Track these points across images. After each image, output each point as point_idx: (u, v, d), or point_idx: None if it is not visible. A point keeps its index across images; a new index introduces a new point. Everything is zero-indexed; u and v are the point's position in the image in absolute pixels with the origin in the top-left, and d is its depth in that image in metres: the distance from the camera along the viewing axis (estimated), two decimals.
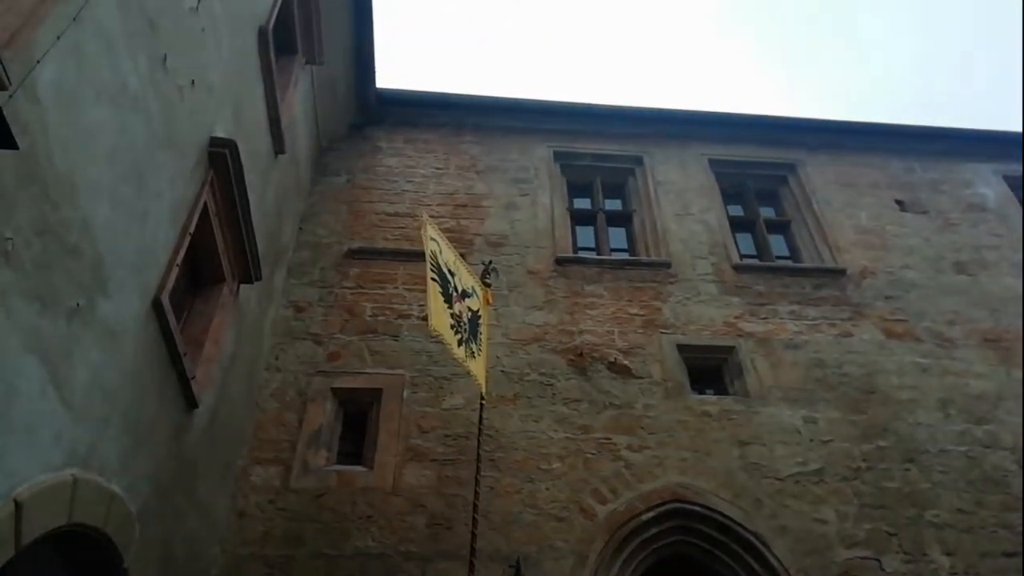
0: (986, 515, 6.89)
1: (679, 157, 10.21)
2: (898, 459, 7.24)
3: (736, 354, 8.05)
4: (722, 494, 6.91)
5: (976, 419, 7.61)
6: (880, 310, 8.58)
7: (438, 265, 5.76)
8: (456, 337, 5.51)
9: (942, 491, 7.03)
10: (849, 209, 9.72)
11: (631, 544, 6.57)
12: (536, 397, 7.51)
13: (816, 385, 7.82)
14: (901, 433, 7.47)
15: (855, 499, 6.94)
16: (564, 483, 6.85)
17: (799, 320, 8.43)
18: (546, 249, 8.92)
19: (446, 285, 5.78)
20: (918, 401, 7.73)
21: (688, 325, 8.31)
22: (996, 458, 7.30)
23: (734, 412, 7.56)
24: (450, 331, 5.44)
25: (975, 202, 9.93)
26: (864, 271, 8.97)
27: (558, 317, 8.25)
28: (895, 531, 6.73)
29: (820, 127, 10.54)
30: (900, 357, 8.13)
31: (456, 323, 5.63)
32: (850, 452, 7.29)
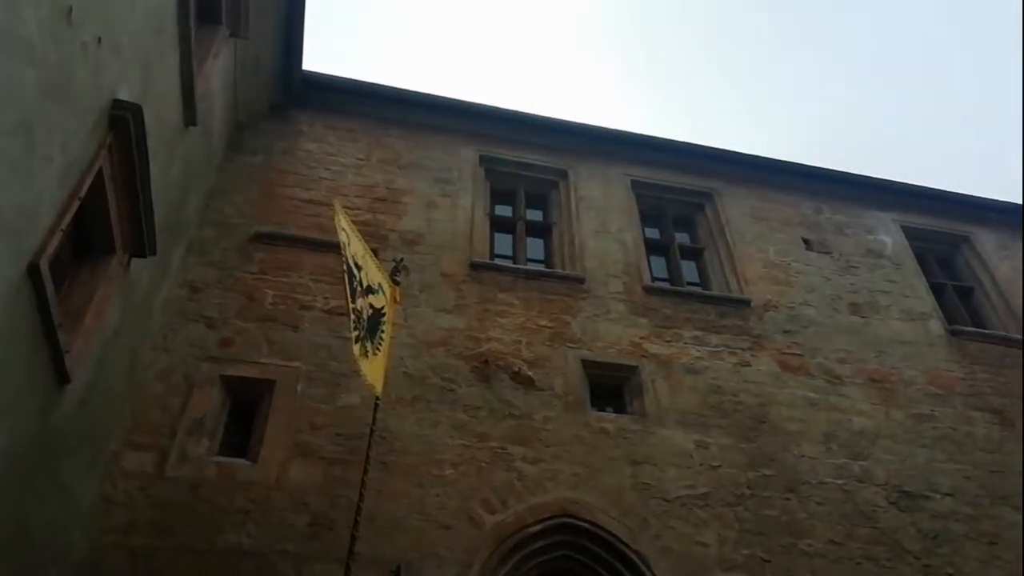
0: (854, 547, 7.19)
1: (603, 175, 10.32)
2: (780, 488, 7.48)
3: (638, 374, 8.16)
4: (611, 512, 6.96)
5: (854, 455, 7.95)
6: (778, 343, 8.87)
7: (346, 257, 5.59)
8: (354, 333, 5.34)
9: (817, 522, 7.29)
10: (759, 243, 10.03)
11: (516, 556, 6.53)
12: (436, 402, 7.40)
13: (711, 411, 8.01)
14: (786, 463, 7.72)
15: (736, 524, 7.12)
16: (455, 490, 6.76)
17: (701, 346, 8.62)
18: (462, 253, 8.83)
19: (351, 279, 5.60)
20: (804, 433, 8.02)
21: (595, 341, 8.37)
22: (868, 493, 7.64)
23: (630, 431, 7.65)
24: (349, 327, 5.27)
25: (874, 248, 10.42)
26: (767, 304, 9.27)
27: (467, 322, 8.16)
28: (770, 558, 6.94)
29: (739, 160, 10.85)
30: (792, 390, 8.42)
31: (356, 319, 5.46)
32: (736, 479, 7.48)
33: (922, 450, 8.18)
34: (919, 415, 8.51)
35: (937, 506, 7.76)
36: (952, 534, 7.58)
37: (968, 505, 7.85)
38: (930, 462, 8.10)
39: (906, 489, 7.81)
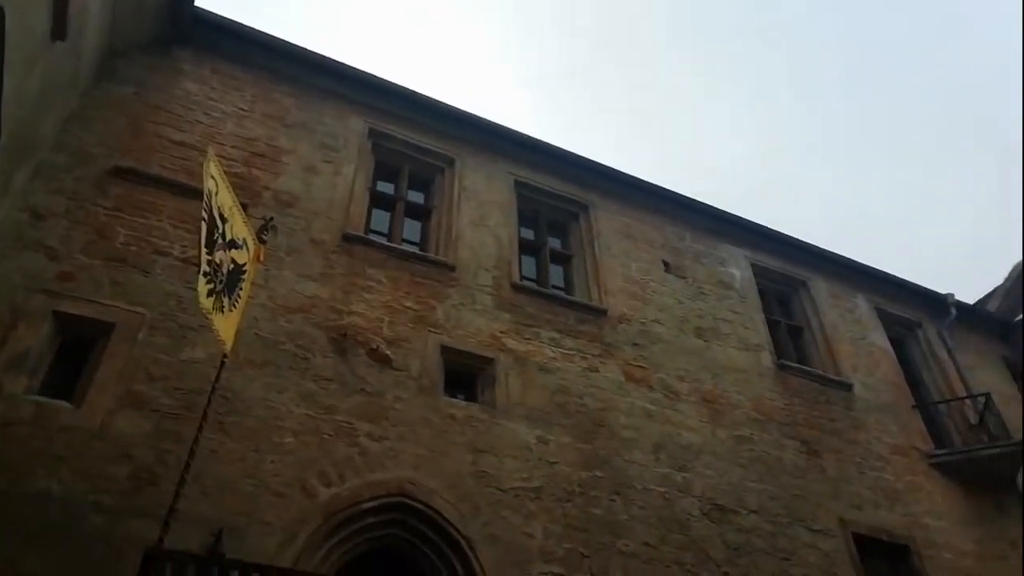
0: (666, 551, 7.74)
1: (488, 169, 10.46)
2: (608, 490, 7.92)
3: (494, 366, 8.37)
4: (446, 496, 7.11)
5: (679, 466, 8.54)
6: (627, 354, 9.36)
7: (211, 206, 5.37)
8: (208, 286, 5.16)
9: (637, 524, 7.78)
10: (624, 258, 10.53)
11: (345, 530, 6.53)
12: (287, 368, 7.25)
13: (556, 410, 8.34)
14: (616, 467, 8.18)
15: (563, 520, 7.47)
16: (293, 459, 6.67)
17: (557, 347, 8.96)
18: (336, 222, 8.69)
19: (214, 229, 5.40)
20: (637, 441, 8.52)
21: (457, 329, 8.50)
22: (686, 503, 8.24)
23: (478, 420, 7.84)
24: (202, 278, 5.08)
25: (725, 279, 11.21)
26: (622, 316, 9.75)
27: (331, 293, 8.05)
28: (589, 553, 7.34)
29: (615, 176, 11.29)
30: (633, 400, 8.92)
31: (212, 272, 5.27)
32: (570, 476, 7.85)
33: (738, 469, 8.91)
34: (740, 436, 9.26)
35: (743, 521, 8.48)
36: (752, 547, 8.31)
37: (769, 523, 8.64)
38: (743, 480, 8.84)
39: (719, 503, 8.48)
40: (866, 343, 11.73)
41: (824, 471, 9.54)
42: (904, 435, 10.72)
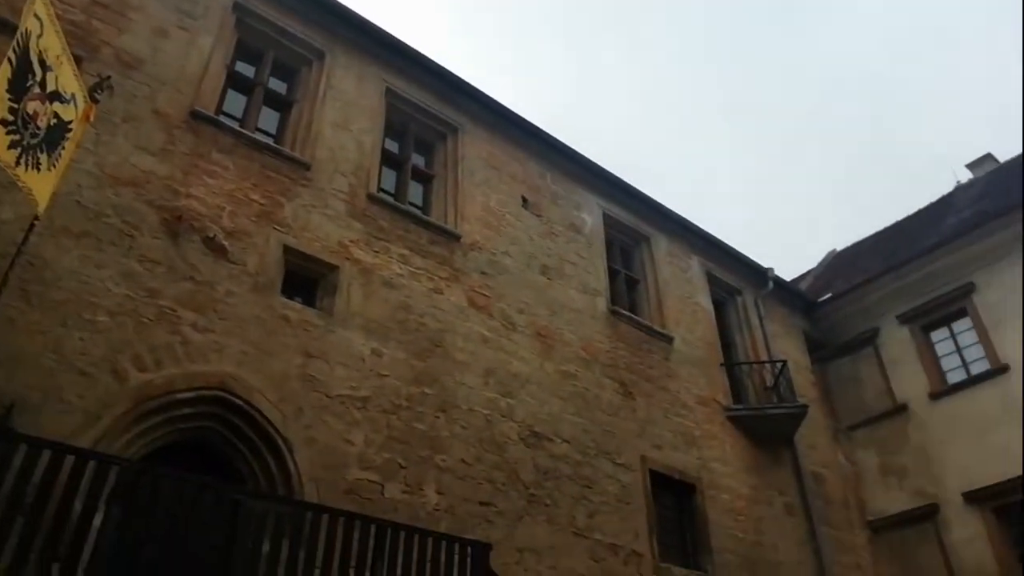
0: (480, 469, 8.12)
1: (360, 71, 10.02)
2: (434, 407, 8.13)
3: (337, 274, 8.22)
4: (269, 395, 7.00)
5: (505, 392, 8.91)
6: (473, 281, 9.51)
7: (27, 47, 4.75)
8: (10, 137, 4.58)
9: (456, 442, 8.08)
10: (485, 187, 10.58)
11: (156, 418, 6.30)
12: (108, 243, 6.73)
13: (396, 325, 8.37)
14: (446, 387, 8.39)
15: (386, 431, 7.61)
16: (105, 339, 6.27)
17: (405, 265, 8.92)
18: (185, 97, 8.03)
19: (27, 74, 4.78)
20: (470, 365, 8.76)
21: (304, 231, 8.22)
22: (506, 427, 8.64)
23: (313, 325, 7.71)
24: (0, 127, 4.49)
25: (576, 224, 11.59)
26: (474, 244, 9.85)
27: (169, 171, 7.49)
28: (407, 465, 7.55)
29: (489, 104, 11.15)
30: (472, 325, 9.12)
31: (20, 123, 4.69)
32: (399, 390, 7.96)
33: (559, 401, 9.43)
34: (566, 372, 9.77)
35: (555, 449, 9.04)
36: (559, 473, 8.90)
37: (579, 453, 9.26)
38: (562, 412, 9.37)
39: (536, 430, 8.96)
40: (692, 302, 12.63)
41: (635, 412, 10.31)
42: (709, 388, 11.77)
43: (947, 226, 14.83)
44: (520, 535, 8.10)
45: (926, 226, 15.85)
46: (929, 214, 16.72)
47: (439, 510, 7.53)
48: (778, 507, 11.46)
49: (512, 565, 7.78)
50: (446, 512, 7.57)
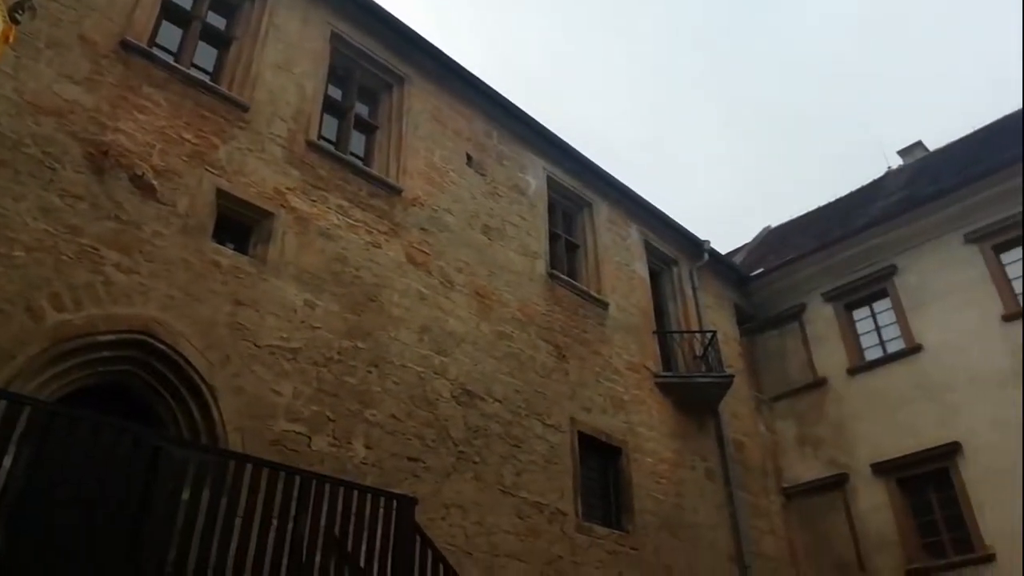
0: (410, 425, 8.14)
1: (305, 12, 9.65)
2: (366, 361, 8.07)
3: (272, 221, 8.01)
4: (195, 342, 6.82)
5: (440, 350, 8.91)
6: (412, 236, 9.41)
7: None
8: None
9: (387, 397, 8.06)
10: (429, 142, 10.41)
11: (74, 359, 6.07)
12: (27, 175, 6.38)
13: (331, 277, 8.23)
14: (380, 342, 8.33)
15: (316, 383, 7.53)
16: (20, 275, 5.98)
17: (344, 216, 8.75)
18: (115, 25, 7.60)
19: None
20: (405, 321, 8.71)
21: (238, 175, 7.96)
22: (438, 384, 8.66)
23: (244, 273, 7.52)
24: None
25: (521, 185, 11.55)
26: (416, 199, 9.72)
27: (96, 103, 7.11)
28: (335, 418, 7.50)
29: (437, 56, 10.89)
30: (409, 281, 9.04)
31: None
32: (331, 343, 7.86)
33: (493, 361, 9.49)
34: (501, 332, 9.82)
35: (487, 408, 9.12)
36: (489, 432, 8.99)
37: (510, 412, 9.37)
38: (495, 372, 9.44)
39: (469, 388, 9.01)
40: (629, 269, 12.81)
41: (567, 375, 10.47)
42: (641, 355, 12.02)
43: (875, 209, 15.37)
44: (447, 491, 8.18)
45: (856, 208, 16.40)
46: (860, 196, 17.29)
47: (367, 464, 7.53)
48: (699, 472, 11.88)
49: (438, 520, 7.87)
50: (374, 466, 7.58)
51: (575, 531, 9.32)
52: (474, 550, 8.11)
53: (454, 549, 7.81)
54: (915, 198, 14.30)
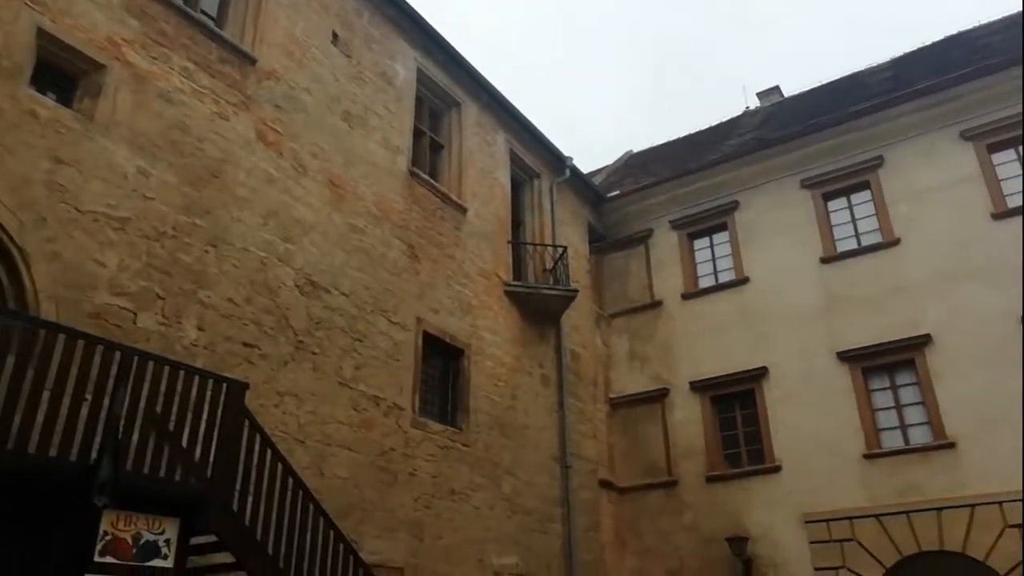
0: (248, 310, 7.85)
1: None
2: (204, 240, 7.61)
3: (103, 75, 7.20)
4: (5, 199, 6.12)
5: (286, 237, 8.56)
6: (265, 113, 8.81)
7: None
8: None
9: (225, 280, 7.70)
10: (292, 12, 9.62)
11: None
12: None
13: (169, 145, 7.59)
14: (221, 221, 7.86)
15: (145, 257, 7.03)
16: None
17: (188, 80, 8.01)
18: None
19: None
20: (250, 202, 8.26)
21: (65, 16, 7.02)
22: (282, 272, 8.36)
23: (68, 128, 6.76)
24: None
25: (388, 74, 11.04)
26: (272, 73, 9.06)
27: None
28: (166, 296, 7.09)
29: None
30: (258, 161, 8.52)
31: None
32: (165, 216, 7.33)
33: (342, 253, 9.27)
34: (354, 226, 9.57)
35: (332, 300, 8.95)
36: (332, 324, 8.87)
37: (355, 307, 9.26)
38: (344, 265, 9.24)
39: (314, 279, 8.78)
40: (492, 177, 12.79)
41: (418, 275, 10.45)
42: (494, 263, 12.19)
43: (727, 146, 16.18)
44: (283, 379, 8.05)
45: (712, 143, 17.18)
46: (717, 132, 18.11)
47: (197, 346, 7.22)
48: (536, 378, 12.45)
49: (271, 407, 7.76)
50: (205, 349, 7.28)
51: (410, 426, 9.54)
52: (306, 439, 8.11)
53: (286, 436, 7.78)
54: (762, 140, 15.16)
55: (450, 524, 9.72)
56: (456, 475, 10.08)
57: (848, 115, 13.88)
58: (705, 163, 15.37)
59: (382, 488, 8.87)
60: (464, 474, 10.23)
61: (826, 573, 11.52)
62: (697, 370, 13.85)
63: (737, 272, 14.23)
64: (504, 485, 10.93)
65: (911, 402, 11.94)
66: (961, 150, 12.65)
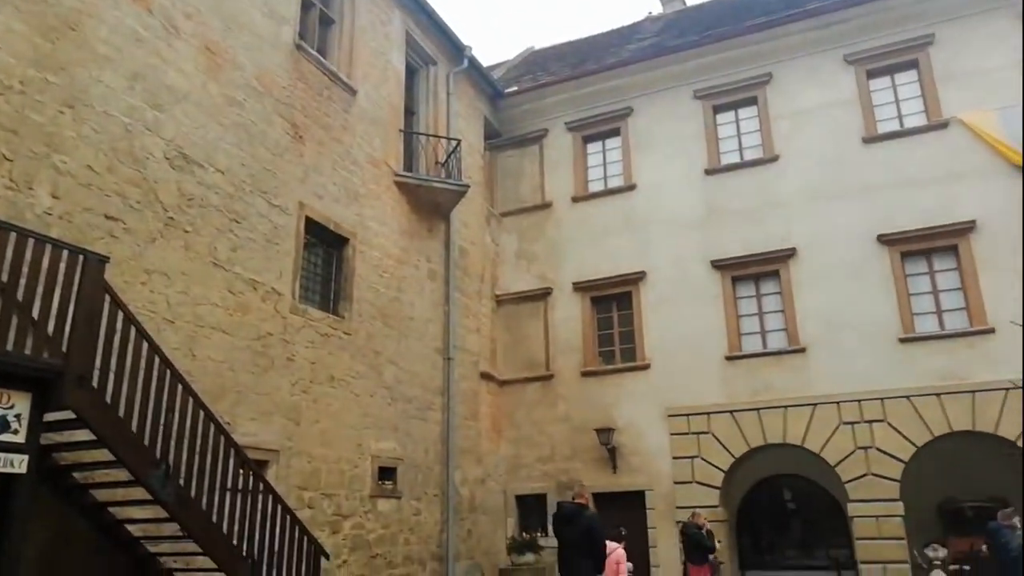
0: (111, 180, 7.27)
1: None
2: (59, 100, 6.90)
3: None
4: None
5: (155, 104, 7.90)
6: None
7: None
8: None
9: (84, 145, 7.06)
10: None
11: None
12: None
13: None
14: (78, 80, 7.12)
15: None
16: None
17: None
18: None
19: None
20: (113, 62, 7.50)
21: None
22: (149, 142, 7.75)
23: None
24: None
25: None
26: None
27: None
28: (14, 159, 6.44)
29: None
30: (123, 15, 7.70)
31: None
32: (12, 69, 6.56)
33: (218, 127, 8.68)
34: (232, 98, 8.95)
35: (207, 177, 8.45)
36: (207, 202, 8.41)
37: (233, 186, 8.79)
38: (219, 140, 8.68)
39: (187, 153, 8.22)
40: (385, 59, 12.21)
41: (302, 157, 9.99)
42: (383, 151, 11.82)
43: (626, 51, 16.12)
44: (151, 256, 7.62)
45: (612, 47, 17.07)
46: (619, 36, 17.98)
47: (52, 215, 6.67)
48: (423, 271, 12.42)
49: (137, 285, 7.37)
50: (61, 219, 6.74)
51: (289, 311, 9.35)
52: (177, 319, 7.80)
53: (154, 315, 7.45)
54: (659, 47, 15.19)
55: (328, 409, 9.77)
56: (336, 362, 10.06)
57: (742, 29, 14.08)
58: (603, 66, 15.30)
59: (258, 372, 8.74)
60: (345, 362, 10.22)
61: (683, 461, 12.53)
62: (580, 272, 14.24)
63: (626, 178, 14.51)
64: (386, 374, 11.04)
65: (772, 310, 12.84)
66: (843, 73, 13.19)
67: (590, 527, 6.92)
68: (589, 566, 6.75)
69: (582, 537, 6.84)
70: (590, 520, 7.02)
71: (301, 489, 9.08)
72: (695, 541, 7.84)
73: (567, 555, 6.92)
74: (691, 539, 7.87)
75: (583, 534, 6.86)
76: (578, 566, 6.74)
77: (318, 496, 9.36)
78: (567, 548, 6.95)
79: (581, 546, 6.81)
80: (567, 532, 6.99)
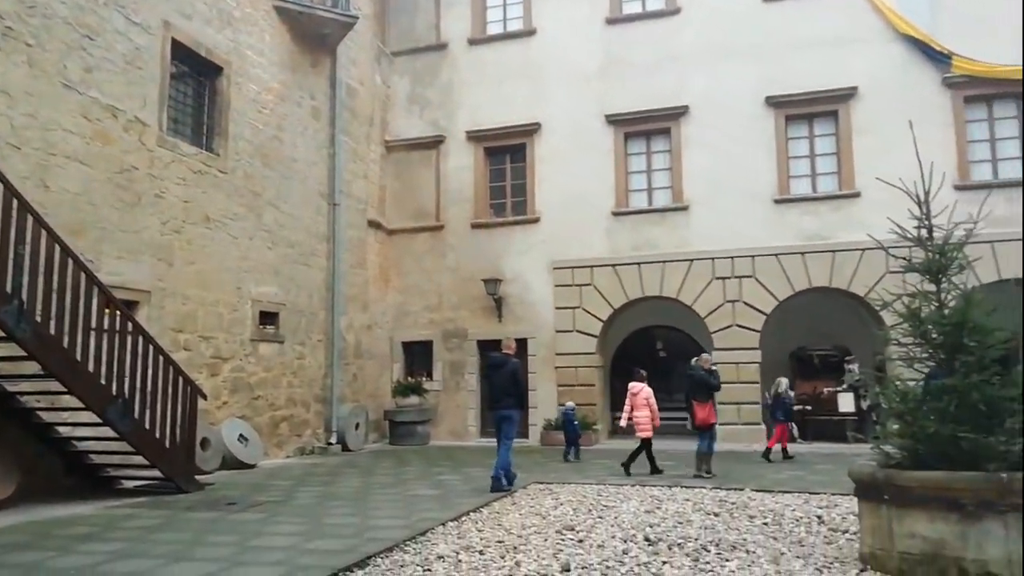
0: None
1: None
2: None
3: None
4: None
5: None
6: None
7: None
8: None
9: None
10: None
11: None
12: None
13: None
14: None
15: None
16: None
17: None
18: None
19: None
20: None
21: None
22: None
23: None
24: None
25: None
26: None
27: None
28: None
29: None
30: None
31: None
32: None
33: None
34: None
35: None
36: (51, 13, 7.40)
37: None
38: None
39: None
40: None
41: None
42: None
43: None
44: None
45: None
46: None
47: None
48: (305, 109, 11.66)
49: None
50: None
51: (156, 144, 8.61)
52: (24, 144, 7.01)
53: None
54: None
55: (204, 251, 9.31)
56: (211, 202, 9.49)
57: None
58: None
59: (124, 208, 8.12)
60: (220, 201, 9.66)
61: (565, 311, 12.99)
62: (475, 120, 13.83)
63: (526, 23, 13.88)
64: (266, 216, 10.56)
65: (660, 167, 13.05)
66: None
67: (514, 372, 7.85)
68: (513, 403, 7.71)
69: (508, 380, 7.70)
70: (514, 367, 7.93)
71: (176, 331, 8.78)
72: (700, 381, 8.49)
73: (496, 395, 7.84)
74: (696, 380, 8.53)
75: (508, 377, 7.73)
76: (506, 404, 7.66)
77: (195, 338, 9.10)
78: (495, 389, 7.84)
79: (507, 387, 7.68)
80: (496, 376, 7.83)
